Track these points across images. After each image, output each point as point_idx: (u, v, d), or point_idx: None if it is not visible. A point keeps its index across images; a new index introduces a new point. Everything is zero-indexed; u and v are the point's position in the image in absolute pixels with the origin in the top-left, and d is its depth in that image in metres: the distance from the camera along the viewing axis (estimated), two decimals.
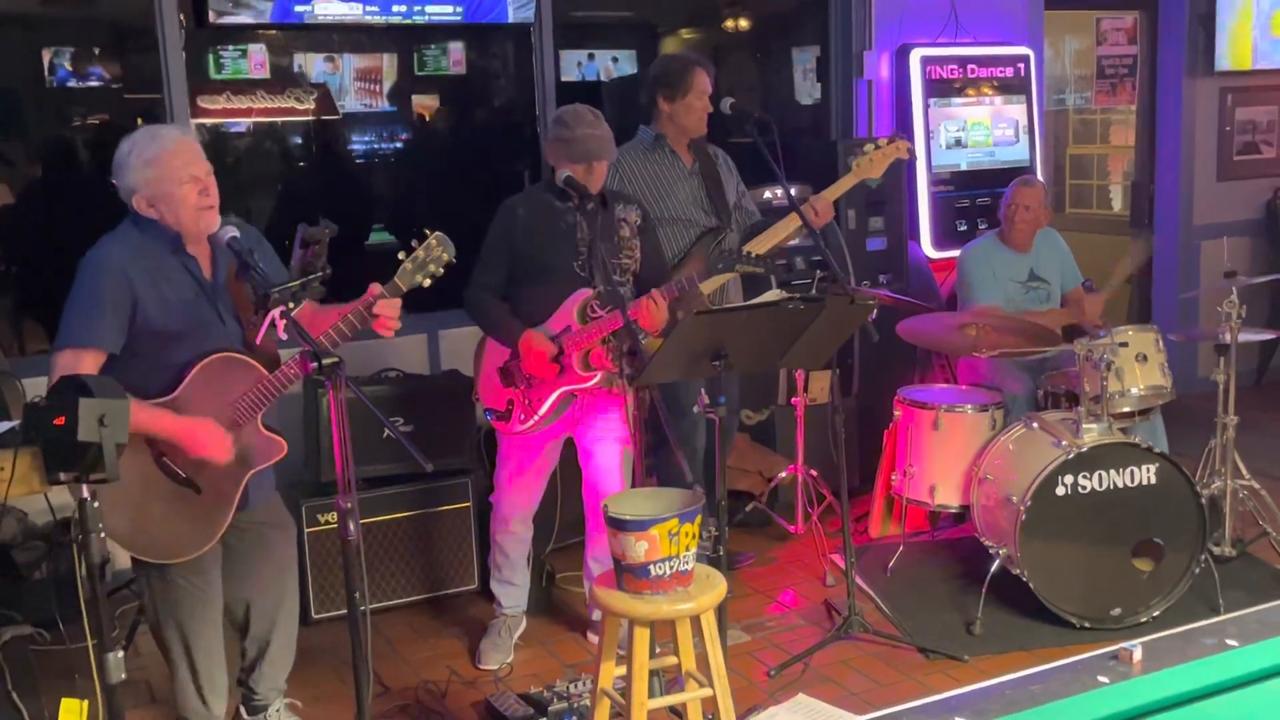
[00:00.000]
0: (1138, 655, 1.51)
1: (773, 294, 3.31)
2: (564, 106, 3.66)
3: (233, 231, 2.76)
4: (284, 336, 2.55)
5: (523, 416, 3.63)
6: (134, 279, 2.80)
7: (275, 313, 2.48)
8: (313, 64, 5.62)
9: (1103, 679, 1.47)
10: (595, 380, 3.56)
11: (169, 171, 2.80)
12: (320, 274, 2.56)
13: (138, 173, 2.81)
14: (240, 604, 3.18)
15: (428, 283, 2.84)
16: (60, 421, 2.09)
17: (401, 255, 2.83)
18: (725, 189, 4.26)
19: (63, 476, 2.14)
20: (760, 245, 4.03)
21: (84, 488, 2.13)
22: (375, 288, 2.82)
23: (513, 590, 3.91)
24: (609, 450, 3.67)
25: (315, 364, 2.42)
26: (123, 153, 2.83)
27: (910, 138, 5.57)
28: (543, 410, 3.61)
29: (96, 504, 2.14)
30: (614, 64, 6.79)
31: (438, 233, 2.83)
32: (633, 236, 3.70)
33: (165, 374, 2.84)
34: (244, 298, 2.91)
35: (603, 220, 3.61)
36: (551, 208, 3.60)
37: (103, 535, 2.16)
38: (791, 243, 4.24)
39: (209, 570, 3.01)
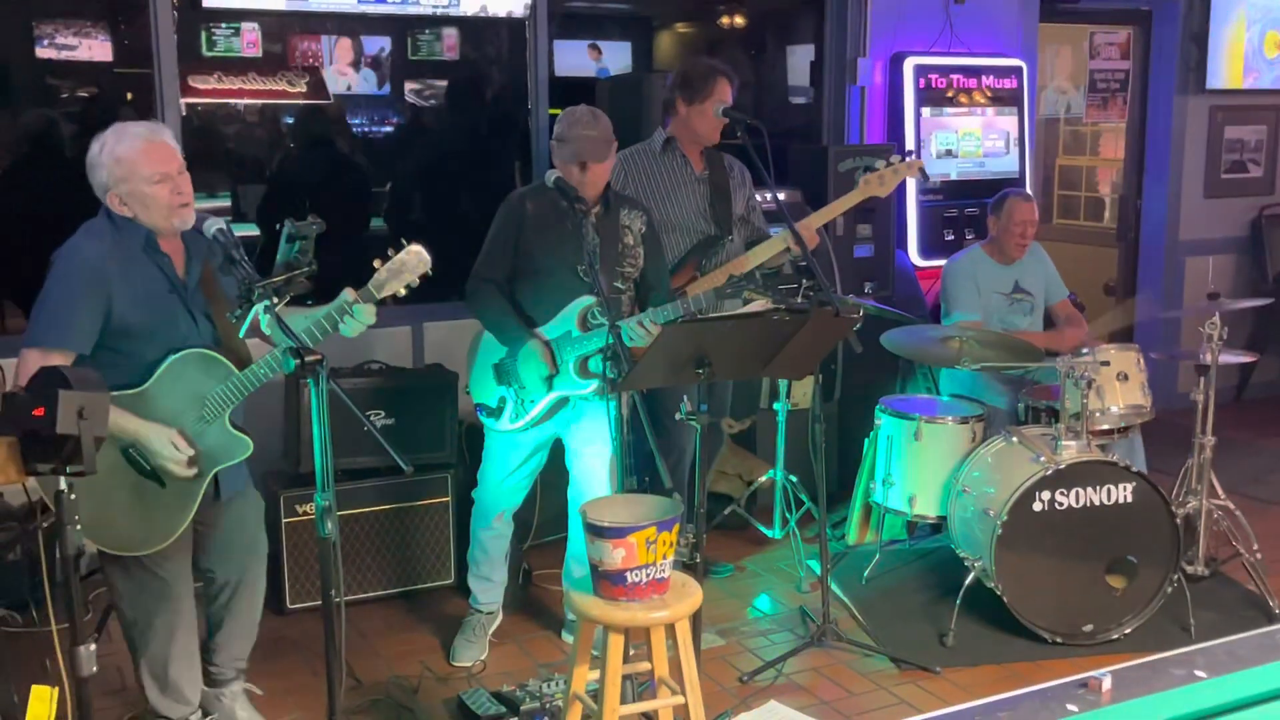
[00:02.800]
0: (1107, 684, 1.52)
1: (758, 304, 3.30)
2: (568, 108, 3.61)
3: (219, 224, 2.75)
4: (267, 333, 2.53)
5: (514, 415, 3.63)
6: (110, 276, 2.80)
7: (259, 308, 2.47)
8: (305, 46, 5.59)
9: (1071, 707, 1.48)
10: (591, 388, 3.53)
11: (139, 171, 2.79)
12: (306, 270, 2.54)
13: (109, 171, 2.81)
14: (207, 574, 3.16)
15: (403, 292, 2.81)
16: (39, 413, 2.07)
17: (377, 263, 2.80)
18: (733, 201, 4.20)
19: (40, 468, 2.13)
20: (739, 267, 4.00)
21: (61, 480, 2.12)
22: (350, 293, 2.80)
23: (490, 587, 3.91)
24: (598, 454, 3.64)
25: (299, 360, 2.41)
26: (94, 152, 2.83)
27: (901, 146, 5.59)
28: (534, 411, 3.60)
29: (73, 496, 2.13)
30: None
31: (416, 245, 2.79)
32: (636, 244, 3.68)
33: (134, 370, 2.83)
34: (217, 297, 2.90)
35: (607, 226, 3.59)
36: (557, 207, 3.51)
37: (79, 527, 2.15)
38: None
39: (175, 563, 2.99)
